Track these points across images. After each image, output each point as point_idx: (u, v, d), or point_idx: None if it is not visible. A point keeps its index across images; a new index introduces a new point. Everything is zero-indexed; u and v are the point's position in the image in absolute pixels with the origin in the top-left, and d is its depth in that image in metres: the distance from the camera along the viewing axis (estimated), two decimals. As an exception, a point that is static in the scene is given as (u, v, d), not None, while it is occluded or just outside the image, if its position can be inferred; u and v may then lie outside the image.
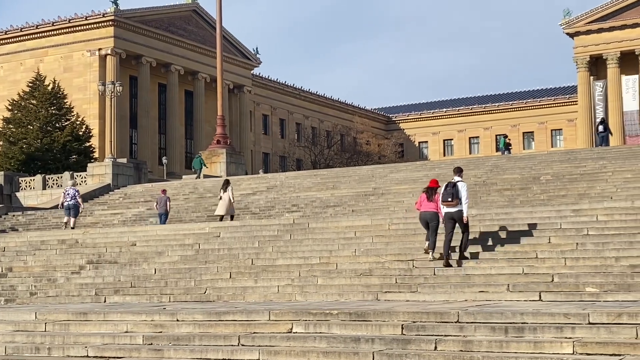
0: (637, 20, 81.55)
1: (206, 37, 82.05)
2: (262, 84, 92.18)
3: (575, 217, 20.05)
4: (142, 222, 36.45)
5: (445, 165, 41.58)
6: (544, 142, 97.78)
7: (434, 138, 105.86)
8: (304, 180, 42.91)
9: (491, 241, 19.36)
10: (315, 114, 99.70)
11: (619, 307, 12.37)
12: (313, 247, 21.37)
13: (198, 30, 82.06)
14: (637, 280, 15.58)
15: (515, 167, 37.76)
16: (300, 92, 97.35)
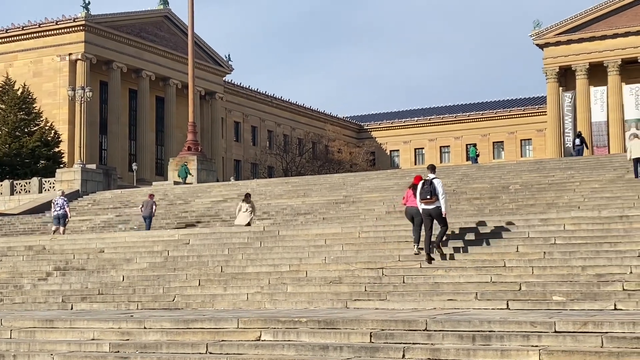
0: (606, 32, 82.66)
1: (178, 43, 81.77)
2: (234, 91, 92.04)
3: (543, 226, 20.23)
4: (111, 228, 36.18)
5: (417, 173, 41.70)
6: (513, 151, 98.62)
7: (405, 147, 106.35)
8: (275, 188, 42.91)
9: (460, 250, 19.47)
10: (287, 121, 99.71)
11: (585, 316, 12.50)
12: (283, 254, 21.35)
13: (170, 36, 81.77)
14: (603, 290, 15.75)
15: (485, 176, 38.06)
16: (272, 99, 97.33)
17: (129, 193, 47.35)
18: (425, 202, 18.99)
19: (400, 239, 21.01)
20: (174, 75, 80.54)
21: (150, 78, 78.17)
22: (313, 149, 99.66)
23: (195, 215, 37.17)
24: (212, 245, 23.36)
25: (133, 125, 78.59)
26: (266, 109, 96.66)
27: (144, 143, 77.66)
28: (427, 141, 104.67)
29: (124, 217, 38.90)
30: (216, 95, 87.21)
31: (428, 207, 18.98)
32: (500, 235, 19.96)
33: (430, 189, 18.91)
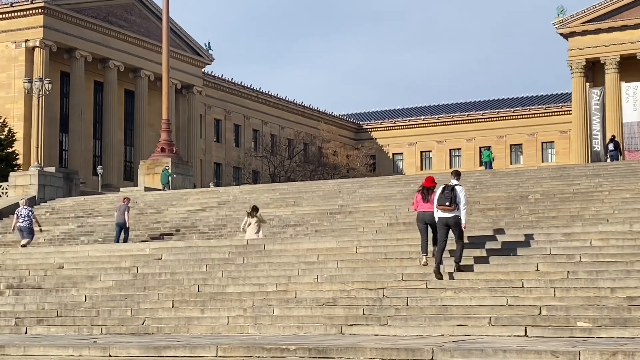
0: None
1: (151, 28, 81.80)
2: (214, 84, 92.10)
3: (566, 241, 20.30)
4: (72, 241, 36.15)
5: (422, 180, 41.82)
6: (533, 155, 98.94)
7: (409, 149, 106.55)
8: (261, 196, 42.95)
9: (472, 268, 19.51)
10: (275, 119, 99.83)
11: (614, 345, 12.52)
12: (269, 272, 21.37)
13: (141, 21, 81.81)
14: (635, 315, 15.79)
15: (501, 183, 38.19)
16: (258, 94, 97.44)
17: (93, 200, 47.26)
18: (443, 209, 19.39)
19: (404, 255, 21.06)
20: (146, 65, 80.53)
21: (118, 69, 78.14)
22: (305, 151, 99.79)
23: (169, 227, 37.19)
24: (188, 261, 23.36)
25: (98, 123, 78.53)
26: (251, 105, 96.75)
27: (111, 143, 77.61)
28: (435, 143, 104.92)
29: (87, 228, 38.88)
30: (194, 88, 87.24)
31: (445, 215, 19.37)
32: (518, 252, 20.04)
33: (451, 196, 19.35)
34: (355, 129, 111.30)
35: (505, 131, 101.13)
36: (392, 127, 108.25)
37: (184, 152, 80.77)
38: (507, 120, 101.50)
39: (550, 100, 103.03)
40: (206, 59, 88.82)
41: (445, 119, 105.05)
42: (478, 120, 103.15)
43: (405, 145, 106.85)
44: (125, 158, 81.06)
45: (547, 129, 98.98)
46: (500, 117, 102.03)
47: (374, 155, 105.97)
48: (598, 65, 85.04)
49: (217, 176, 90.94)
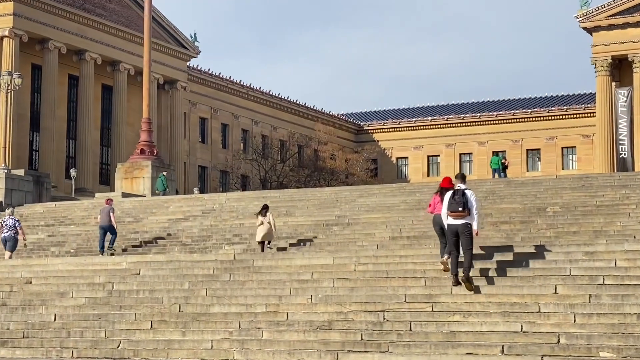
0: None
1: (131, 18, 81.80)
2: (200, 79, 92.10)
3: (588, 261, 20.29)
4: (41, 252, 36.10)
5: (429, 190, 41.85)
6: (552, 162, 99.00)
7: (415, 153, 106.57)
8: (250, 204, 42.96)
9: (483, 289, 19.49)
10: (267, 118, 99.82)
11: (640, 379, 12.49)
12: (258, 291, 21.36)
13: (121, 10, 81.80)
14: (663, 344, 15.76)
15: (516, 194, 38.21)
16: (248, 90, 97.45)
17: (66, 207, 47.21)
18: (455, 215, 19.75)
19: (407, 274, 21.05)
20: (125, 58, 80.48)
21: (95, 61, 78.06)
22: (299, 154, 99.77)
23: (148, 237, 37.17)
24: (169, 277, 23.34)
25: (72, 121, 78.44)
26: (240, 102, 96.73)
27: (86, 143, 77.50)
28: (444, 147, 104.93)
29: (59, 238, 38.83)
30: (178, 84, 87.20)
31: (456, 223, 19.74)
32: (534, 272, 20.02)
33: (463, 201, 19.74)
34: (355, 130, 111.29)
35: (522, 135, 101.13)
36: (396, 129, 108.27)
37: (165, 154, 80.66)
38: (523, 122, 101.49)
39: (572, 101, 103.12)
40: (191, 52, 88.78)
41: (455, 120, 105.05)
42: (491, 122, 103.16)
43: (411, 148, 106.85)
44: (101, 160, 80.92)
45: (568, 133, 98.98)
46: (516, 119, 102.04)
47: (375, 160, 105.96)
48: (625, 63, 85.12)
49: (201, 181, 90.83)
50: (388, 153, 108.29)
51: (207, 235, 36.23)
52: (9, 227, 32.51)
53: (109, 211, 34.97)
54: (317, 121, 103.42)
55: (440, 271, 20.85)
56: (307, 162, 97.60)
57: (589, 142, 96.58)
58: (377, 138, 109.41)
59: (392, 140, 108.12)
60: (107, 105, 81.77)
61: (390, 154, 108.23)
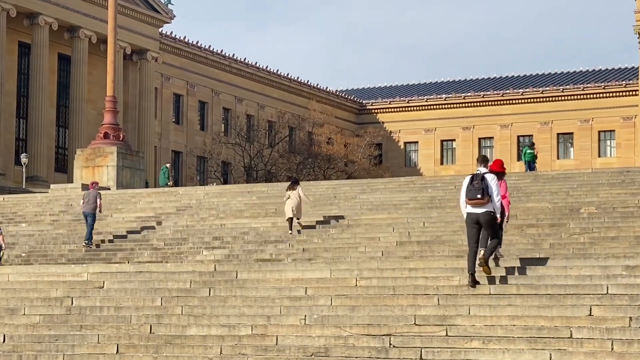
0: None
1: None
2: (174, 48, 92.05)
3: (629, 277, 20.39)
4: (-14, 256, 36.17)
5: (443, 185, 42.08)
6: (587, 148, 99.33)
7: (426, 137, 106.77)
8: (233, 200, 43.13)
9: (506, 310, 19.60)
10: (253, 95, 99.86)
11: None
12: (243, 309, 21.43)
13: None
14: None
15: (545, 190, 38.40)
16: (230, 62, 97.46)
17: (16, 201, 47.30)
18: (474, 203, 20.61)
19: (417, 291, 21.14)
20: (86, 23, 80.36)
21: (50, 27, 77.93)
22: (290, 138, 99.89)
23: (113, 240, 37.28)
24: (138, 291, 23.40)
25: (24, 97, 78.36)
26: (222, 76, 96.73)
27: (39, 123, 77.44)
28: (460, 130, 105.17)
29: (7, 239, 38.91)
30: (148, 54, 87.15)
31: (476, 211, 20.67)
32: (566, 289, 20.11)
33: (483, 186, 20.55)
34: (356, 109, 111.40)
35: (552, 116, 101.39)
36: (404, 108, 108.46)
37: (133, 138, 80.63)
38: (553, 102, 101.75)
39: (611, 76, 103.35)
40: (164, 16, 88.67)
41: (474, 98, 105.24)
42: (516, 101, 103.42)
43: (421, 131, 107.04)
44: (57, 143, 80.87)
45: (606, 114, 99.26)
46: (545, 97, 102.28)
47: (380, 145, 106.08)
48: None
49: (175, 169, 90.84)
50: (395, 137, 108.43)
51: (183, 237, 36.38)
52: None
53: (95, 196, 36.96)
54: (312, 99, 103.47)
55: (455, 287, 20.98)
56: (299, 147, 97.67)
57: (630, 125, 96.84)
58: (382, 119, 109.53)
59: (399, 122, 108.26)
60: (64, 79, 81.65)
61: (397, 138, 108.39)
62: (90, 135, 71.16)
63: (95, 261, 33.60)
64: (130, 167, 55.28)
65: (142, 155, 60.18)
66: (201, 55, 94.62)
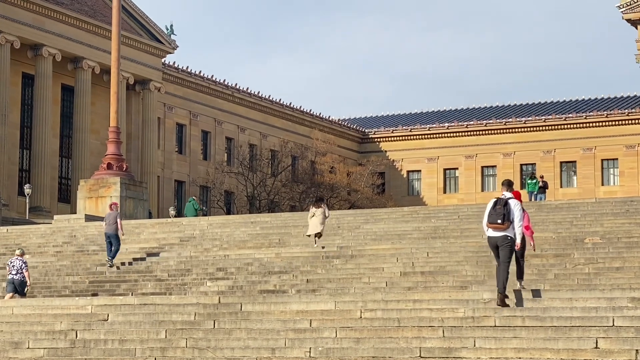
0: None
1: (97, 7, 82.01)
2: (177, 78, 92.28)
3: (635, 309, 20.39)
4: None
5: (446, 215, 42.09)
6: (590, 177, 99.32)
7: (429, 166, 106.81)
8: (236, 230, 43.16)
9: (511, 342, 19.58)
10: (256, 125, 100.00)
11: None
12: (247, 342, 21.45)
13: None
14: None
15: (549, 220, 38.41)
16: (233, 91, 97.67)
17: (19, 232, 47.31)
18: (495, 227, 21.48)
19: (422, 322, 21.13)
20: (90, 54, 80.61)
21: (54, 57, 78.19)
22: (293, 167, 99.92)
23: (117, 272, 37.25)
24: (143, 323, 23.41)
25: (27, 127, 78.50)
26: (224, 105, 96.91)
27: (43, 154, 77.56)
28: (463, 158, 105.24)
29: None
30: (151, 84, 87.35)
31: (496, 235, 21.48)
32: (572, 321, 20.09)
33: (504, 212, 21.45)
34: (359, 138, 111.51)
35: (555, 145, 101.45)
36: (407, 137, 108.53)
37: (136, 168, 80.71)
38: (557, 130, 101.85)
39: (614, 104, 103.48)
40: (167, 47, 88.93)
41: (477, 127, 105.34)
42: (519, 129, 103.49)
43: (424, 160, 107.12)
44: (60, 174, 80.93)
45: (609, 143, 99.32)
46: (548, 126, 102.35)
47: (382, 173, 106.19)
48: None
49: (178, 198, 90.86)
50: (397, 166, 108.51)
51: (186, 268, 36.33)
52: (17, 268, 33.16)
53: (116, 217, 38.41)
54: (315, 128, 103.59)
55: (460, 319, 20.97)
56: (302, 176, 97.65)
57: (633, 154, 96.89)
58: (384, 148, 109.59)
59: (402, 151, 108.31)
60: (67, 109, 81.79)
61: (400, 166, 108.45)
62: (93, 166, 71.23)
63: (99, 292, 33.59)
64: (133, 197, 55.34)
65: (145, 186, 60.22)
66: (204, 85, 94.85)
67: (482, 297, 22.08)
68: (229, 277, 34.24)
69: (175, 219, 48.75)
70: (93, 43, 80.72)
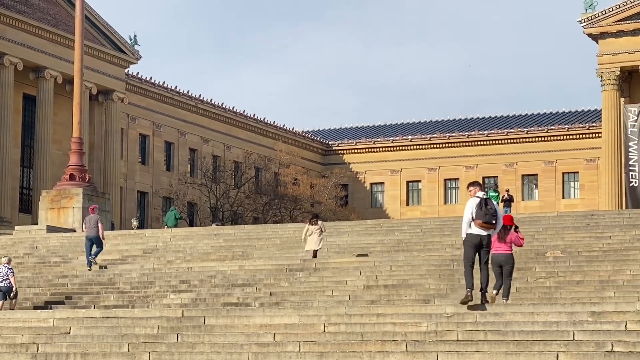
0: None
1: (60, 16, 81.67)
2: (141, 89, 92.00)
3: (595, 323, 20.56)
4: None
5: (410, 228, 42.28)
6: (551, 190, 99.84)
7: (392, 178, 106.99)
8: (200, 242, 43.14)
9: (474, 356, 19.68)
10: (219, 136, 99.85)
11: None
12: (211, 355, 21.43)
13: (48, 7, 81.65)
14: None
15: (511, 234, 38.58)
16: (197, 102, 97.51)
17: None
18: (488, 227, 22.28)
19: (386, 337, 21.19)
20: (52, 63, 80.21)
21: (15, 67, 77.75)
22: (256, 179, 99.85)
23: (79, 284, 37.12)
24: (105, 337, 23.32)
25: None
26: (188, 117, 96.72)
27: (4, 164, 77.02)
28: (426, 171, 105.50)
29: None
30: (114, 94, 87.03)
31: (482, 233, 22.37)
32: (533, 335, 20.23)
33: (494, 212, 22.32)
34: (322, 150, 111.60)
35: (517, 158, 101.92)
36: (370, 149, 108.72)
37: (98, 179, 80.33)
38: (518, 143, 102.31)
39: (575, 119, 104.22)
40: (131, 57, 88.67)
41: (440, 140, 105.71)
42: (481, 142, 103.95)
43: (387, 172, 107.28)
44: (21, 184, 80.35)
45: (570, 156, 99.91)
46: (510, 139, 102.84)
47: (346, 185, 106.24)
48: (636, 75, 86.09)
49: (141, 209, 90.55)
50: (361, 178, 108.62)
51: (149, 281, 36.25)
52: (3, 275, 33.23)
53: (96, 221, 38.82)
54: (278, 140, 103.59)
55: (423, 333, 21.07)
56: (265, 188, 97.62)
57: (593, 167, 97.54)
58: (348, 160, 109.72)
59: (365, 163, 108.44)
60: (29, 119, 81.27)
61: (363, 178, 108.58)
62: (55, 176, 70.88)
63: (61, 305, 33.43)
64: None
65: (108, 197, 60.03)
66: (167, 96, 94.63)
67: (445, 311, 22.21)
68: (192, 290, 34.20)
69: (138, 231, 48.65)
70: (56, 53, 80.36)
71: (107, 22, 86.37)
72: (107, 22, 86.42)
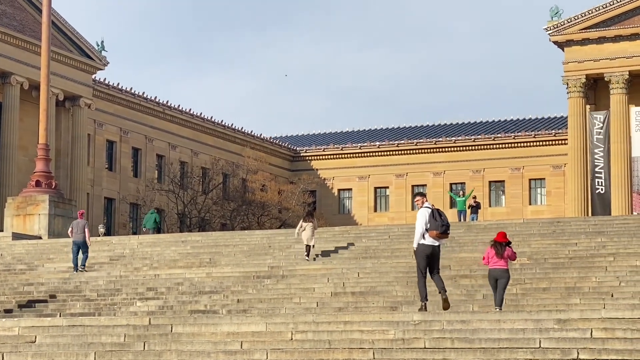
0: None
1: (26, 22, 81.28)
2: (107, 94, 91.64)
3: (560, 330, 20.65)
4: None
5: (377, 235, 42.34)
6: (518, 196, 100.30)
7: (360, 185, 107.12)
8: (167, 249, 43.04)
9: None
10: (187, 142, 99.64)
11: None
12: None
13: (14, 12, 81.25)
14: None
15: (477, 241, 38.84)
16: (164, 108, 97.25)
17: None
18: (443, 237, 23.46)
19: (353, 344, 21.18)
20: (18, 69, 79.84)
21: (-19, 73, 77.42)
22: (224, 185, 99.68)
23: (45, 291, 36.89)
24: (71, 345, 23.17)
25: (-48, 143, 77.49)
26: (155, 122, 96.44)
27: (-31, 170, 76.67)
28: (394, 177, 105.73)
29: None
30: (81, 100, 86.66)
31: (435, 244, 23.39)
32: (500, 343, 20.29)
33: (447, 221, 23.41)
34: (290, 156, 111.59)
35: (484, 164, 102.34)
36: (338, 156, 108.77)
37: (65, 185, 79.96)
38: (485, 150, 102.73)
39: (541, 125, 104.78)
40: (98, 63, 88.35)
41: (407, 146, 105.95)
42: (449, 149, 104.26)
43: (355, 179, 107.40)
44: (-13, 191, 79.97)
45: (537, 163, 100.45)
46: (477, 146, 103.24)
47: (314, 192, 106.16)
48: (601, 83, 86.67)
49: (108, 215, 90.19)
50: (329, 184, 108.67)
51: (116, 288, 36.12)
52: None
53: (84, 226, 39.32)
54: (246, 146, 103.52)
55: (390, 341, 21.08)
56: (233, 194, 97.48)
57: (560, 174, 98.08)
58: (315, 166, 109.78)
59: (333, 169, 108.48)
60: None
61: (331, 185, 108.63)
62: (21, 183, 70.48)
63: (26, 313, 33.21)
64: (62, 215, 54.78)
65: (74, 203, 59.68)
66: (134, 102, 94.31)
67: (412, 318, 22.24)
68: (159, 297, 34.13)
69: (105, 238, 48.46)
70: (22, 58, 79.97)
71: (74, 28, 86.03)
72: (74, 28, 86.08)
